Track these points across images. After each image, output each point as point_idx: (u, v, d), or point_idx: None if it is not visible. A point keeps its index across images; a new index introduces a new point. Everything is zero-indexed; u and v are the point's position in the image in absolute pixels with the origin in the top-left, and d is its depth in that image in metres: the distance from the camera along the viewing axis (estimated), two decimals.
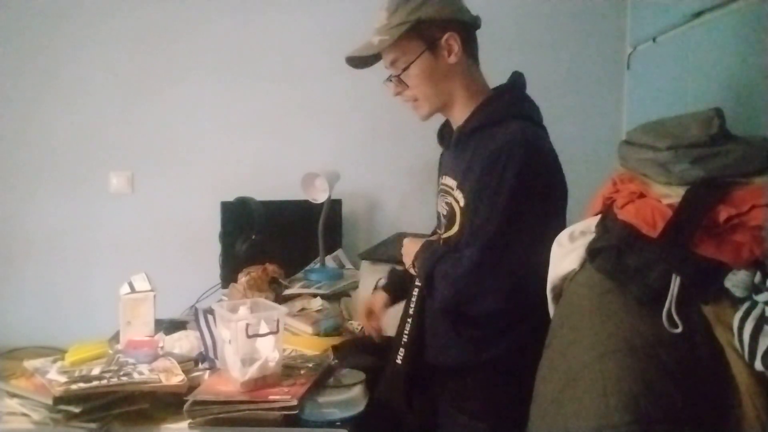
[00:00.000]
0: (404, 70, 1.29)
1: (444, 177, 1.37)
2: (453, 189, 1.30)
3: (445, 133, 1.43)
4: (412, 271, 1.35)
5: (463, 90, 1.32)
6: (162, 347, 1.42)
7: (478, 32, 1.39)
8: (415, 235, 1.47)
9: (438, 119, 1.45)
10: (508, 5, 2.29)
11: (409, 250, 1.35)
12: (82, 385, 1.16)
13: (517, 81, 1.35)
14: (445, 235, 1.32)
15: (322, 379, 1.32)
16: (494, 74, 1.40)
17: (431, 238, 1.37)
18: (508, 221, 1.17)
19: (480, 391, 1.26)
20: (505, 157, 1.17)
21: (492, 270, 1.18)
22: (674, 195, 0.89)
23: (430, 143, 1.52)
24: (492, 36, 1.40)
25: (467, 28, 1.31)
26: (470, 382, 1.27)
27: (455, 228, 1.27)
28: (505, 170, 1.16)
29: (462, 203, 1.26)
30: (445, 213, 1.33)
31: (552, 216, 1.23)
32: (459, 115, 1.33)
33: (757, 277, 0.78)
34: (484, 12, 1.40)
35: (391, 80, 1.34)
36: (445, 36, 1.26)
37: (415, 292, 1.37)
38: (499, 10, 2.26)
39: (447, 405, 1.32)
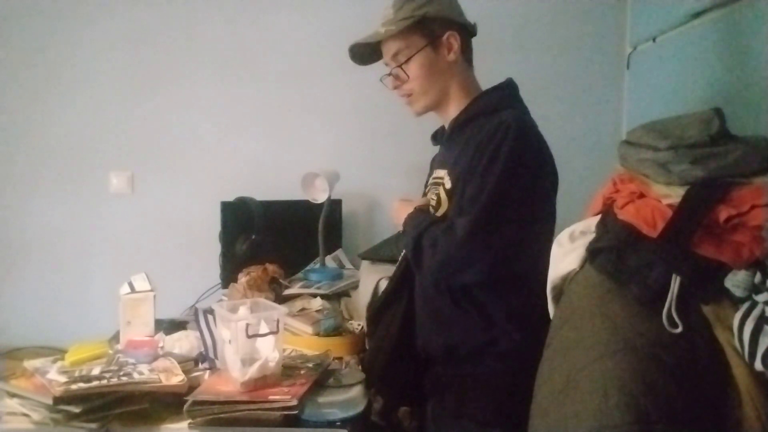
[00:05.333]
0: (406, 62, 1.34)
1: (435, 171, 1.41)
2: (442, 178, 1.33)
3: (438, 134, 1.48)
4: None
5: (459, 89, 1.38)
6: (162, 347, 1.42)
7: (479, 33, 1.42)
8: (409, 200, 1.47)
9: (434, 120, 1.46)
10: (509, 6, 2.29)
11: (400, 213, 1.37)
12: (82, 385, 1.16)
13: (511, 83, 1.39)
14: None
15: (322, 379, 1.32)
16: (494, 74, 1.40)
17: (422, 205, 1.37)
18: (499, 195, 1.18)
19: (494, 394, 1.26)
20: (500, 136, 1.21)
21: (482, 240, 1.18)
22: (674, 195, 0.89)
23: (430, 143, 1.53)
24: (492, 36, 1.41)
25: (466, 31, 1.37)
26: (482, 386, 1.27)
27: (440, 212, 1.31)
28: (499, 148, 1.20)
29: (448, 186, 1.30)
30: (434, 204, 1.35)
31: (539, 197, 1.25)
32: (453, 112, 1.38)
33: (757, 277, 0.78)
34: (484, 12, 1.41)
35: (390, 74, 1.39)
36: (447, 34, 1.33)
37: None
38: (500, 11, 2.26)
39: (450, 411, 1.31)
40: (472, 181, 1.22)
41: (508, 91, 1.37)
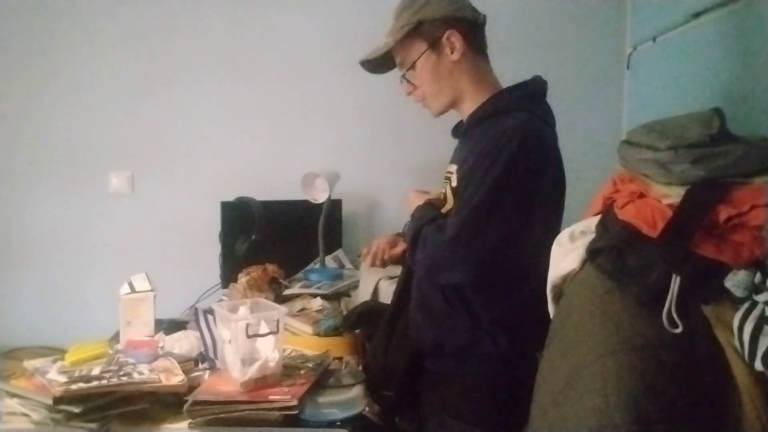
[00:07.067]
0: (409, 68, 1.35)
1: (449, 165, 1.40)
2: (452, 173, 1.33)
3: (458, 127, 1.47)
4: None
5: (471, 85, 1.35)
6: (162, 347, 1.42)
7: None
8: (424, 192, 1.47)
9: (436, 121, 1.46)
10: (509, 5, 2.29)
11: (412, 203, 1.39)
12: (82, 385, 1.16)
13: (535, 82, 1.37)
14: None
15: (322, 379, 1.32)
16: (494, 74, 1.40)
17: (433, 199, 1.37)
18: (492, 200, 1.18)
19: (475, 394, 1.27)
20: (503, 141, 1.20)
21: (467, 244, 1.19)
22: (674, 195, 0.89)
23: (430, 143, 1.53)
24: (492, 36, 1.41)
25: (469, 25, 1.34)
26: (464, 385, 1.28)
27: (446, 209, 1.31)
28: (500, 152, 1.19)
29: (454, 183, 1.30)
30: (442, 198, 1.36)
31: (539, 205, 1.24)
32: (469, 108, 1.37)
33: (757, 277, 0.78)
34: (484, 12, 1.40)
35: (401, 81, 1.39)
36: (447, 34, 1.31)
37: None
38: (500, 11, 2.24)
39: (438, 410, 1.31)
40: (471, 183, 1.22)
41: (526, 91, 1.34)
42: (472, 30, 1.34)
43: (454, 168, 1.34)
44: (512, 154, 1.18)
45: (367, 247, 1.58)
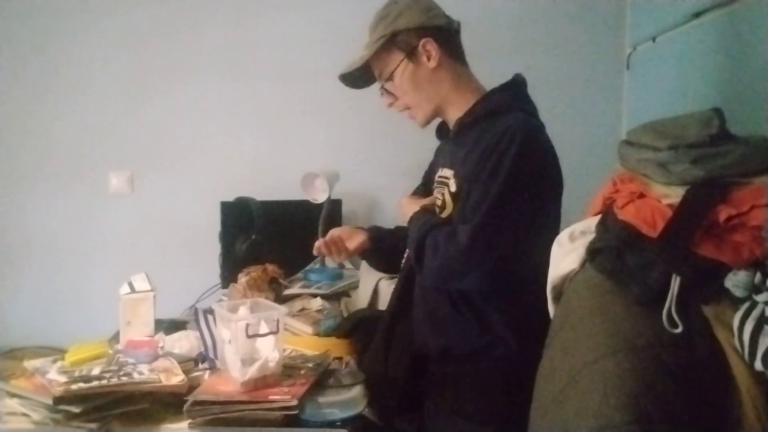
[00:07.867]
0: (388, 79, 1.35)
1: (442, 169, 1.40)
2: (449, 178, 1.32)
3: (443, 128, 1.46)
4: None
5: (453, 90, 1.36)
6: (162, 347, 1.42)
7: (479, 33, 1.40)
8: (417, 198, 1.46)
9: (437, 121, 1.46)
10: (508, 5, 2.28)
11: (406, 210, 1.38)
12: (82, 385, 1.16)
13: (519, 80, 1.37)
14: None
15: (322, 379, 1.32)
16: (494, 75, 1.40)
17: (428, 204, 1.37)
18: (501, 203, 1.18)
19: (485, 393, 1.26)
20: (505, 143, 1.20)
21: (482, 250, 1.18)
22: (674, 195, 0.89)
23: (429, 143, 1.53)
24: (492, 36, 1.41)
25: (444, 32, 1.34)
26: (474, 385, 1.27)
27: (444, 214, 1.31)
28: (504, 155, 1.19)
29: (453, 189, 1.29)
30: (439, 204, 1.35)
31: (543, 205, 1.25)
32: (454, 115, 1.36)
33: (757, 277, 0.78)
34: (484, 13, 1.40)
35: (381, 93, 1.40)
36: (421, 42, 1.31)
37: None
38: (499, 11, 2.26)
39: (446, 411, 1.31)
40: (476, 188, 1.22)
41: (515, 90, 1.35)
42: (447, 37, 1.35)
43: (449, 173, 1.33)
44: (516, 155, 1.18)
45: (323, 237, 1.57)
